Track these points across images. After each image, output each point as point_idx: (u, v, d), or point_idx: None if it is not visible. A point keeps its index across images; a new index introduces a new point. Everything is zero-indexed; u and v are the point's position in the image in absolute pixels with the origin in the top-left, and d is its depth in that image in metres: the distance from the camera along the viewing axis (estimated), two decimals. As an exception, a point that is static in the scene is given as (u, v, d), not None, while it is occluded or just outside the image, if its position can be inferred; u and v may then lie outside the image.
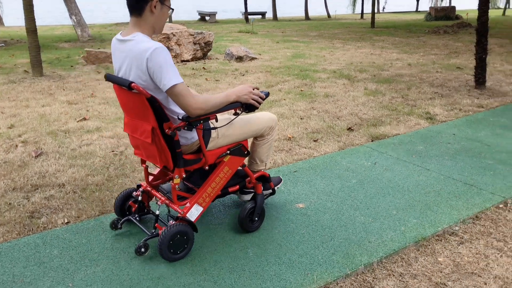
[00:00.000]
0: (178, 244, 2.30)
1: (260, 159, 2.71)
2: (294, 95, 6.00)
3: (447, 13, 21.56)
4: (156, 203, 2.55)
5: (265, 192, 2.77)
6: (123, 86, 2.10)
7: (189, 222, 2.33)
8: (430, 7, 23.10)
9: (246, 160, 2.66)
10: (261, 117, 2.61)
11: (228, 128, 2.43)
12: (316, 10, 32.41)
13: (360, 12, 27.38)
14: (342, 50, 10.79)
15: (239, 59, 8.85)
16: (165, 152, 2.23)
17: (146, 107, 2.10)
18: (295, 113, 5.18)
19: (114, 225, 2.58)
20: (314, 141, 4.26)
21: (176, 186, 2.34)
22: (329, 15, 29.20)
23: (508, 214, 2.89)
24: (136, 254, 2.32)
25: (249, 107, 2.34)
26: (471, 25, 15.95)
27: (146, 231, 2.45)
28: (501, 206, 3.00)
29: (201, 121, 2.21)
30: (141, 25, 2.14)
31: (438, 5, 33.57)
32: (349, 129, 4.58)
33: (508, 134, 4.42)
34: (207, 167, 2.41)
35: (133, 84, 2.04)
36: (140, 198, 2.59)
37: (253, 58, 9.02)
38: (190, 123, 2.18)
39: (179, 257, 2.34)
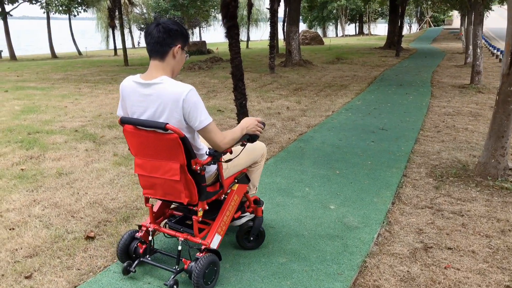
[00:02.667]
0: (210, 274, 2.39)
1: (253, 184, 2.91)
2: (8, 181, 4.10)
3: (199, 48, 22.14)
4: (178, 239, 2.49)
5: (243, 221, 2.87)
6: (153, 128, 2.17)
7: (215, 251, 2.43)
8: (183, 42, 23.42)
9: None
10: (255, 146, 2.78)
11: (235, 159, 2.57)
12: (62, 47, 29.43)
13: (113, 47, 25.97)
14: (90, 96, 9.11)
15: None
16: (190, 188, 2.32)
17: (177, 147, 2.17)
18: (3, 218, 3.35)
19: (127, 270, 2.51)
20: (27, 278, 2.58)
21: (199, 219, 2.42)
22: (80, 52, 26.79)
23: None
24: None
25: (253, 138, 2.56)
26: (223, 59, 16.41)
27: (168, 268, 2.46)
28: None
29: (222, 154, 2.39)
30: (164, 68, 2.25)
31: (190, 40, 34.98)
32: (88, 237, 3.06)
33: (288, 202, 3.65)
34: (222, 197, 2.64)
35: (168, 125, 2.11)
36: (150, 237, 2.60)
37: (-42, 120, 6.52)
38: (216, 157, 2.36)
39: (210, 287, 2.41)
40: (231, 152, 2.47)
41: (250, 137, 2.55)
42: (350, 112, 7.39)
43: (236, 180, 2.66)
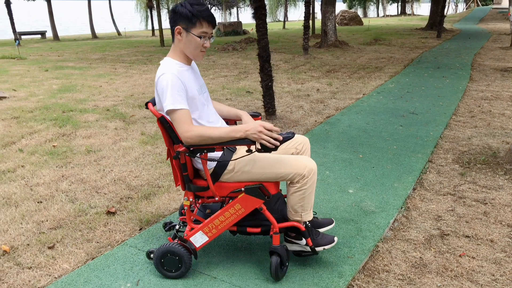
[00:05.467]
0: (170, 263, 2.36)
1: (292, 207, 2.39)
2: (40, 157, 4.31)
3: (235, 28, 22.08)
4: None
5: (295, 248, 2.51)
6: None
7: (187, 245, 2.36)
8: (219, 23, 23.41)
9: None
10: (291, 161, 2.32)
11: (247, 164, 2.30)
12: (101, 27, 30.11)
13: (151, 28, 26.34)
14: (124, 76, 9.33)
15: (-22, 101, 6.59)
16: (177, 173, 2.36)
17: (161, 127, 2.25)
18: (33, 192, 3.54)
19: (164, 225, 2.83)
20: (50, 248, 2.74)
21: (185, 207, 2.40)
22: (119, 33, 27.32)
23: None
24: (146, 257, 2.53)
25: (264, 148, 2.10)
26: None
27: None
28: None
29: (205, 151, 2.19)
30: (174, 49, 2.30)
31: (227, 20, 34.91)
32: (109, 212, 3.19)
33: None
34: (217, 198, 2.36)
35: (148, 104, 2.27)
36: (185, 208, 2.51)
37: (0, 98, 6.85)
38: (192, 151, 2.18)
39: (172, 276, 2.37)
40: (224, 153, 2.30)
41: (261, 146, 2.11)
42: (382, 95, 7.23)
43: (243, 189, 2.29)
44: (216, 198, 2.37)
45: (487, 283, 2.40)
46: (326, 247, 2.44)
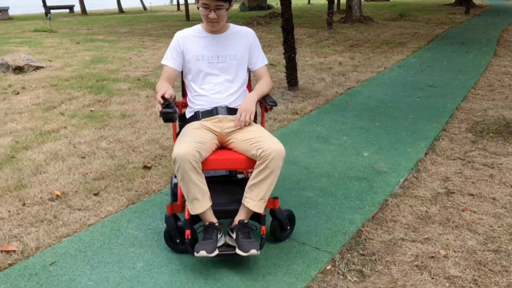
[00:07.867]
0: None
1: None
2: (79, 120, 4.69)
3: (260, 3, 22.08)
4: None
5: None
6: None
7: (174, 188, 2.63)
8: (244, -3, 23.44)
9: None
10: (178, 142, 2.16)
11: (182, 133, 2.34)
12: (127, 2, 30.42)
13: (177, 2, 26.53)
14: (152, 49, 9.66)
15: (19, 70, 7.02)
16: None
17: None
18: (76, 149, 3.93)
19: None
20: (95, 194, 3.11)
21: None
22: (144, 7, 27.61)
23: (338, 282, 2.22)
24: None
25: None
26: (282, 15, 16.39)
27: None
28: (328, 268, 2.32)
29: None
30: None
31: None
32: (146, 167, 3.55)
33: (324, 148, 3.93)
34: None
35: None
36: None
37: (38, 67, 7.28)
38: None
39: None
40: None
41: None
42: (403, 69, 7.36)
43: None
44: None
45: (484, 233, 2.66)
46: (196, 253, 2.08)
